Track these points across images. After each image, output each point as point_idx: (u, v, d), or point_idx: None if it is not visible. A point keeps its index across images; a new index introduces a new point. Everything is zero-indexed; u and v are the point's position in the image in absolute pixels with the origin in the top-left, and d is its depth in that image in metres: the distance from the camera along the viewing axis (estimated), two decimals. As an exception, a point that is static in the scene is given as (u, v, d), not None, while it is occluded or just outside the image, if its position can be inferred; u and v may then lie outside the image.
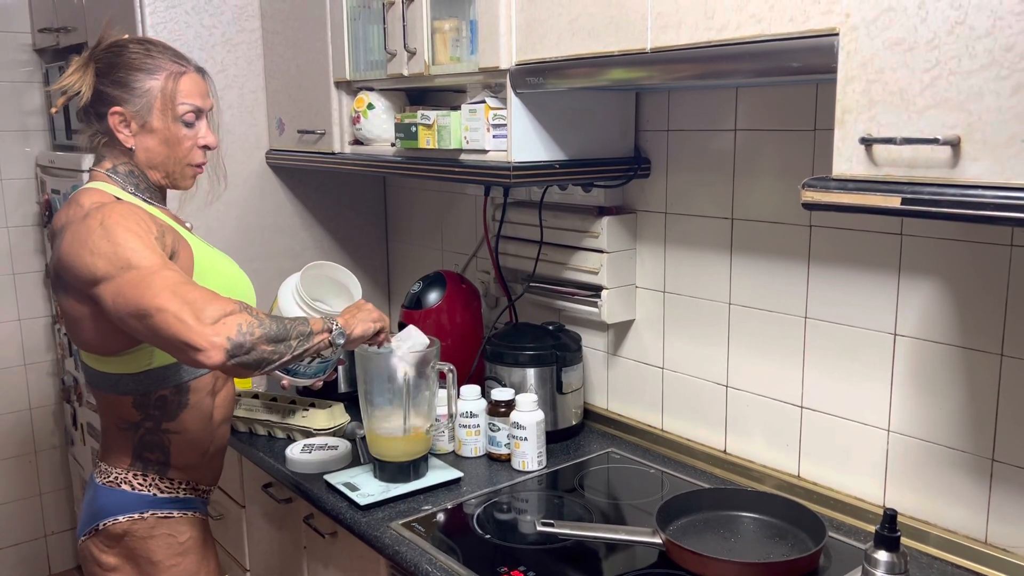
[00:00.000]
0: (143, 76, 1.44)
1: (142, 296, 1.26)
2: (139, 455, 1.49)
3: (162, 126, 1.46)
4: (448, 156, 1.76)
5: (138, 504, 1.48)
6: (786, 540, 1.42)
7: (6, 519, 3.13)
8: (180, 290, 1.26)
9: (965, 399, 1.38)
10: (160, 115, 1.45)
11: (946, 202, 0.95)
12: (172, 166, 1.49)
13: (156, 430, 1.49)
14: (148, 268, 1.29)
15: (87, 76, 1.44)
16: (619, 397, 2.00)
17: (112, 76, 1.43)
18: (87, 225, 1.34)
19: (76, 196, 1.43)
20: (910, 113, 0.99)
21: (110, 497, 1.48)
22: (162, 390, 1.47)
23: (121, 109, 1.43)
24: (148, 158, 1.47)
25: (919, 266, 1.41)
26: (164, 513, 1.50)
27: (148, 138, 1.46)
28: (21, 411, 3.12)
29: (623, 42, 1.36)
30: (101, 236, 1.31)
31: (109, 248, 1.30)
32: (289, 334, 1.32)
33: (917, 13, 0.97)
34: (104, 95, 1.43)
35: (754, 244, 1.66)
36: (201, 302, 1.25)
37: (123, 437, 1.49)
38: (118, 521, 1.47)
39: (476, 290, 2.20)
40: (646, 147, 1.83)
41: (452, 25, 1.76)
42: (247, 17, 2.33)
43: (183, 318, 1.23)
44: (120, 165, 1.47)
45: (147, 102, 1.44)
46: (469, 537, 1.51)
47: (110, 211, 1.36)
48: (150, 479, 1.50)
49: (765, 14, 1.16)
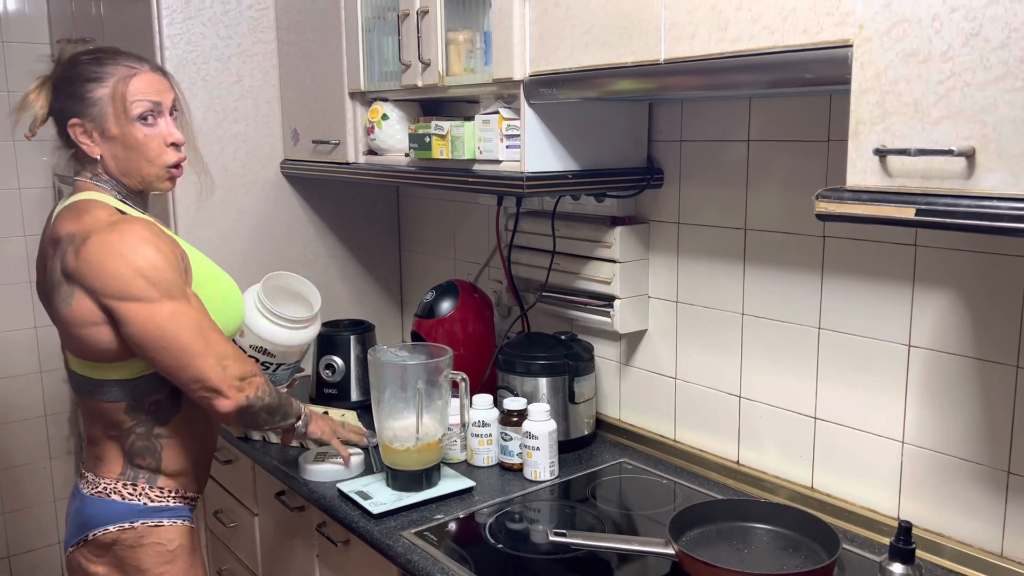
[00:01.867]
0: (93, 85, 1.44)
1: (181, 332, 1.39)
2: (130, 461, 1.49)
3: (119, 131, 1.44)
4: (461, 166, 1.77)
5: (128, 514, 1.48)
6: (800, 552, 1.42)
7: (21, 525, 3.15)
8: (213, 337, 1.43)
9: (980, 411, 1.38)
10: (115, 120, 1.44)
11: (961, 213, 0.95)
12: (145, 170, 1.48)
13: (148, 435, 1.49)
14: (183, 305, 1.40)
15: (42, 95, 1.47)
16: (631, 407, 2.00)
17: (65, 91, 1.45)
18: (122, 239, 1.37)
19: (81, 206, 1.43)
20: (924, 124, 0.99)
21: (99, 507, 1.48)
22: (156, 395, 1.48)
23: (79, 120, 1.44)
24: (116, 165, 1.47)
25: (933, 277, 1.41)
26: (154, 522, 1.50)
27: (111, 145, 1.45)
28: (36, 418, 3.15)
29: (636, 53, 1.37)
30: (141, 256, 1.37)
31: (150, 271, 1.37)
32: (278, 409, 1.57)
33: (931, 25, 0.97)
34: (62, 111, 1.45)
35: (767, 255, 1.66)
36: (232, 358, 1.45)
37: (113, 445, 1.50)
38: (108, 531, 1.47)
39: (488, 299, 2.20)
40: (659, 157, 1.84)
41: (466, 36, 1.77)
42: (263, 28, 2.36)
43: (217, 370, 1.41)
44: (102, 174, 1.48)
45: (100, 110, 1.44)
46: (481, 546, 1.51)
47: (141, 229, 1.39)
48: (140, 488, 1.50)
49: (778, 25, 1.17)
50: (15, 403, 3.09)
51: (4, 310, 3.03)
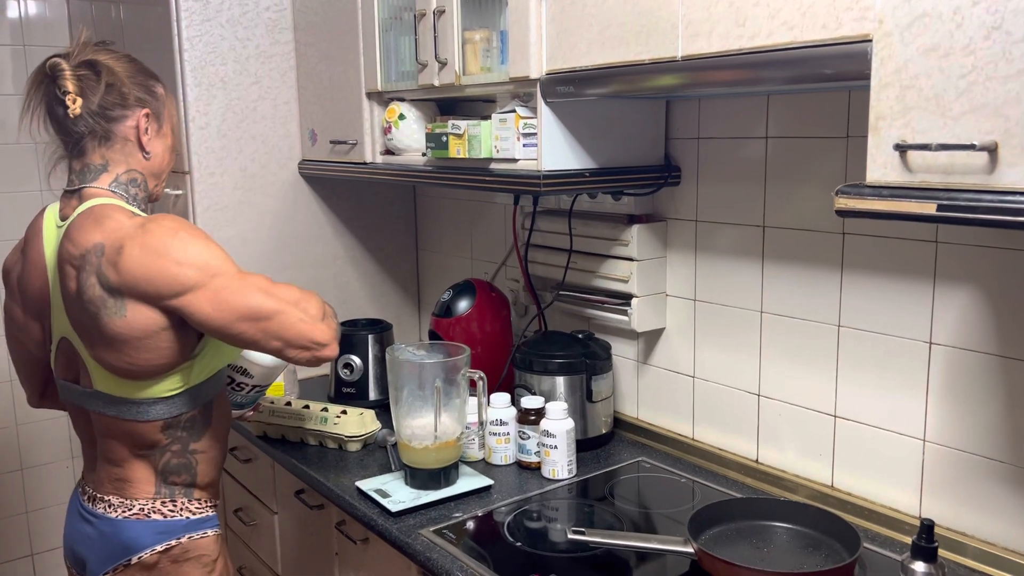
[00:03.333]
0: (154, 81, 1.48)
1: (249, 299, 1.35)
2: (164, 479, 1.46)
3: (168, 132, 1.51)
4: (478, 165, 1.78)
5: (173, 530, 1.46)
6: (820, 551, 1.41)
7: (45, 524, 3.18)
8: (279, 291, 1.39)
9: (1003, 409, 1.36)
10: (167, 122, 1.50)
11: (983, 208, 0.95)
12: (165, 176, 1.53)
13: (183, 452, 1.47)
14: (235, 273, 1.37)
15: (119, 76, 1.41)
16: (649, 406, 1.99)
17: (136, 79, 1.44)
18: (156, 237, 1.33)
19: (98, 211, 1.38)
20: (946, 119, 0.98)
21: (139, 529, 1.44)
22: (193, 411, 1.46)
23: (149, 111, 1.45)
24: (157, 165, 1.48)
25: (955, 273, 1.40)
26: (199, 535, 1.49)
27: (159, 143, 1.48)
28: (60, 416, 3.18)
29: (654, 51, 1.37)
30: (181, 247, 1.34)
31: (196, 257, 1.34)
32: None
33: (952, 19, 0.96)
34: (134, 95, 1.43)
35: (786, 252, 1.65)
36: (304, 301, 1.40)
37: (142, 465, 1.45)
38: (154, 551, 1.44)
39: (506, 298, 2.20)
40: (676, 155, 1.83)
41: (483, 36, 1.78)
42: (280, 29, 2.37)
43: (303, 319, 1.38)
44: (123, 174, 1.43)
45: (161, 105, 1.48)
46: (500, 544, 1.52)
47: (172, 221, 1.37)
48: (180, 504, 1.48)
49: (797, 21, 1.16)
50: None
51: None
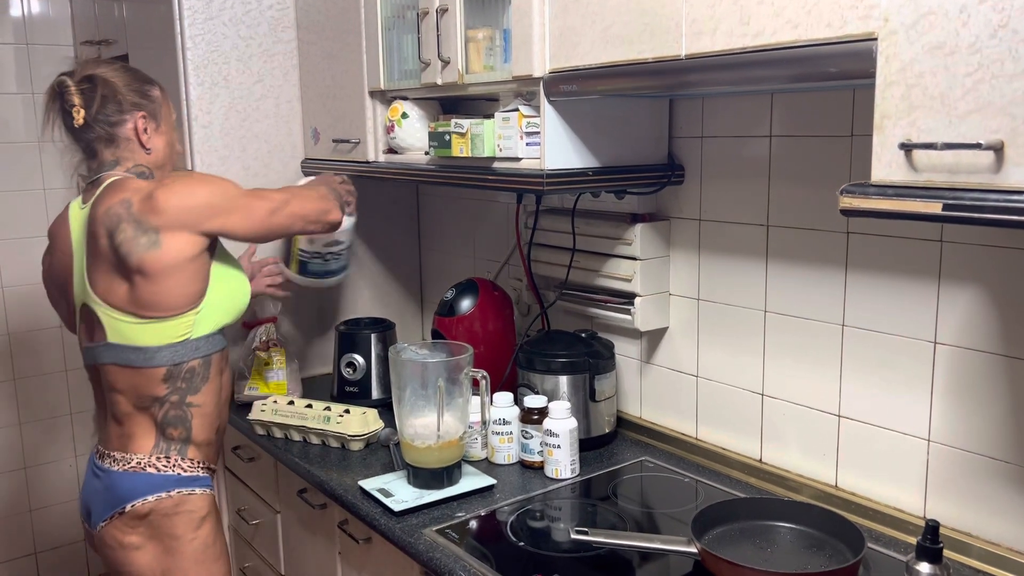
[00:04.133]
0: (149, 87, 1.70)
1: (267, 202, 1.66)
2: (162, 432, 1.61)
3: (166, 129, 1.71)
4: (481, 164, 1.77)
5: (164, 484, 1.61)
6: (824, 551, 1.40)
7: (48, 521, 3.19)
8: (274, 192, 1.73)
9: (1008, 409, 1.36)
10: (164, 121, 1.71)
11: (989, 208, 0.94)
12: (169, 168, 1.73)
13: (181, 404, 1.62)
14: (247, 192, 1.65)
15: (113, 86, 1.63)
16: (652, 405, 1.99)
17: (131, 87, 1.66)
18: (182, 182, 1.58)
19: (116, 183, 1.60)
20: (951, 118, 0.98)
21: (134, 480, 1.60)
22: (193, 360, 1.61)
23: (144, 113, 1.66)
24: (158, 158, 1.70)
25: (960, 273, 1.39)
26: (188, 491, 1.63)
27: (158, 139, 1.70)
28: (63, 415, 3.19)
29: (657, 49, 1.36)
30: (206, 183, 1.61)
31: (221, 187, 1.61)
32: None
33: (958, 17, 0.96)
34: (128, 100, 1.64)
35: (790, 251, 1.64)
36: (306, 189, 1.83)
37: (144, 418, 1.61)
38: (146, 501, 1.59)
39: (508, 297, 2.20)
40: (680, 154, 1.83)
41: (486, 34, 1.77)
42: (283, 28, 2.37)
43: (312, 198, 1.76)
44: (132, 168, 1.66)
45: (157, 107, 1.69)
46: (502, 544, 1.51)
47: (187, 174, 1.67)
48: (173, 460, 1.62)
49: (802, 19, 1.15)
50: (42, 401, 3.13)
51: (30, 310, 3.07)
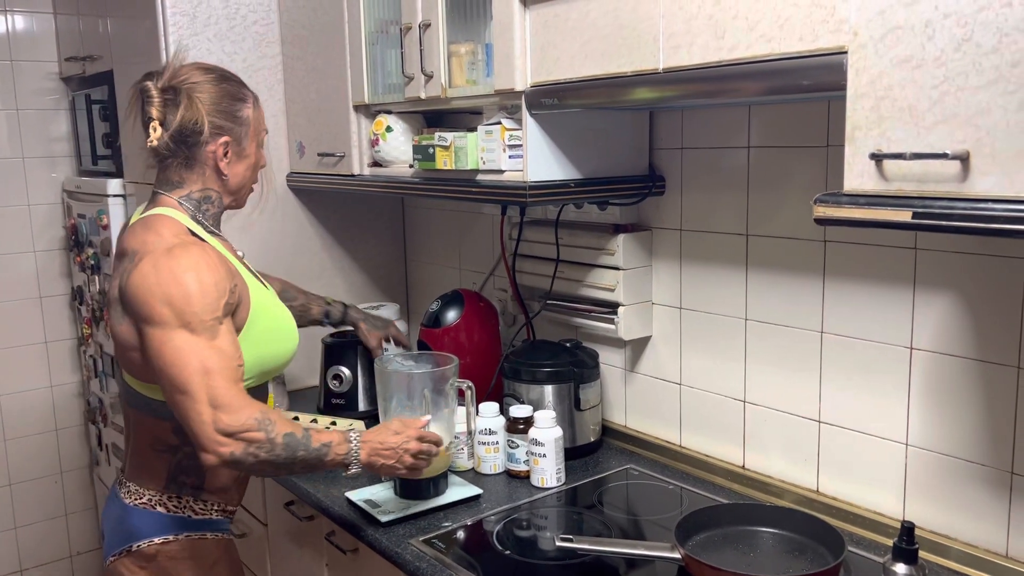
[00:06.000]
0: (240, 105, 1.50)
1: (183, 368, 1.33)
2: (174, 479, 1.50)
3: (252, 151, 1.54)
4: (465, 176, 1.79)
5: (172, 526, 1.50)
6: (805, 555, 1.42)
7: (33, 539, 3.17)
8: (215, 382, 1.33)
9: (983, 412, 1.38)
10: (251, 142, 1.53)
11: (957, 216, 0.97)
12: (245, 189, 1.57)
13: (194, 455, 1.43)
14: (198, 340, 1.34)
15: (197, 107, 1.45)
16: (637, 413, 2.01)
17: (220, 106, 1.47)
18: (167, 264, 1.36)
19: (152, 222, 1.44)
20: (919, 129, 1.01)
21: (144, 519, 1.50)
22: None
23: (228, 139, 1.48)
24: (236, 183, 1.53)
25: (934, 280, 1.42)
26: (197, 535, 1.52)
27: (240, 164, 1.52)
28: (47, 432, 3.17)
29: (635, 63, 1.39)
30: (176, 285, 1.35)
31: (180, 299, 1.34)
32: (294, 463, 1.39)
33: (924, 31, 0.99)
34: (214, 125, 1.46)
35: (769, 260, 1.67)
36: (228, 407, 1.32)
37: (159, 460, 1.50)
38: (152, 543, 1.49)
39: (494, 308, 2.22)
40: (660, 165, 1.85)
41: (468, 49, 1.79)
42: (268, 43, 2.38)
43: (203, 418, 1.32)
44: (197, 192, 1.50)
45: (245, 130, 1.51)
46: (489, 553, 1.52)
47: (195, 256, 1.38)
48: (184, 501, 1.51)
49: (775, 33, 1.18)
50: (26, 418, 3.12)
51: (16, 325, 3.06)
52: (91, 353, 2.99)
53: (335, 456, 1.42)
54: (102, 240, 2.71)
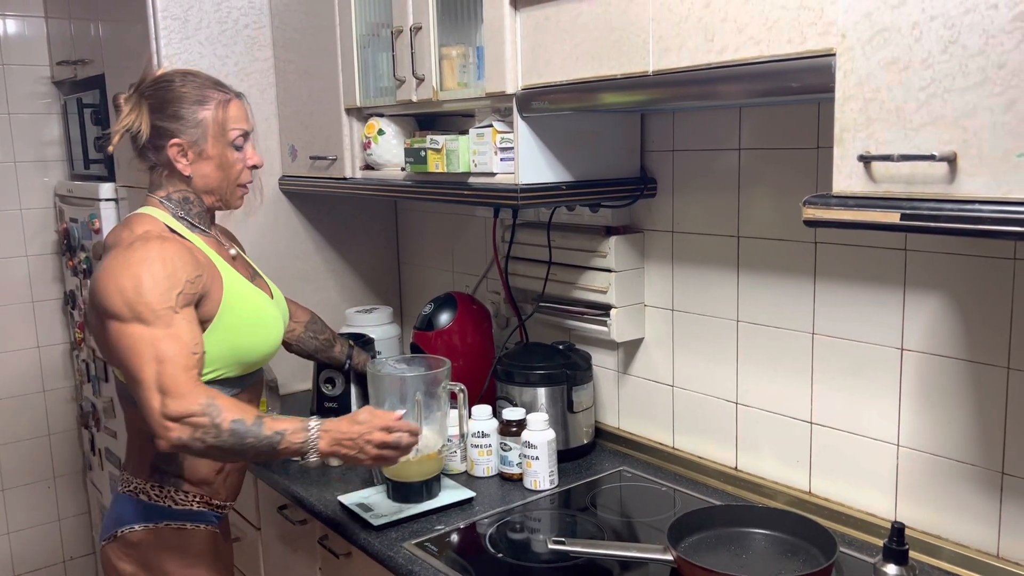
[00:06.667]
0: (196, 107, 1.52)
1: (135, 357, 1.38)
2: (156, 467, 1.55)
3: (216, 152, 1.54)
4: (457, 179, 1.79)
5: (153, 515, 1.55)
6: (798, 556, 1.43)
7: (26, 544, 3.16)
8: (165, 369, 1.36)
9: (973, 412, 1.39)
10: (214, 142, 1.54)
11: (944, 217, 0.97)
12: (225, 189, 1.59)
13: None
14: (151, 330, 1.38)
15: (142, 114, 1.51)
16: (630, 415, 2.01)
17: (167, 111, 1.51)
18: (124, 257, 1.43)
19: (130, 219, 1.52)
20: (907, 130, 1.01)
21: (128, 506, 1.56)
22: None
23: (179, 140, 1.51)
24: (205, 184, 1.56)
25: (924, 281, 1.43)
26: (177, 525, 1.56)
27: (204, 165, 1.54)
28: (40, 437, 3.16)
29: (626, 66, 1.39)
30: (132, 277, 1.40)
31: (131, 291, 1.39)
32: (245, 450, 1.39)
33: (911, 33, 0.99)
34: (161, 129, 1.51)
35: (760, 261, 1.67)
36: (174, 393, 1.35)
37: (144, 448, 1.54)
38: (134, 530, 1.54)
39: (487, 311, 2.22)
40: (652, 167, 1.86)
41: (459, 52, 1.80)
42: (259, 47, 2.38)
43: (152, 404, 1.36)
44: (175, 192, 1.56)
45: (202, 131, 1.53)
46: (482, 556, 1.52)
47: (151, 250, 1.43)
48: (166, 491, 1.56)
49: (763, 36, 1.19)
50: (19, 423, 3.11)
51: (8, 330, 3.05)
52: (84, 357, 2.98)
53: (289, 444, 1.40)
54: (94, 244, 2.71)
